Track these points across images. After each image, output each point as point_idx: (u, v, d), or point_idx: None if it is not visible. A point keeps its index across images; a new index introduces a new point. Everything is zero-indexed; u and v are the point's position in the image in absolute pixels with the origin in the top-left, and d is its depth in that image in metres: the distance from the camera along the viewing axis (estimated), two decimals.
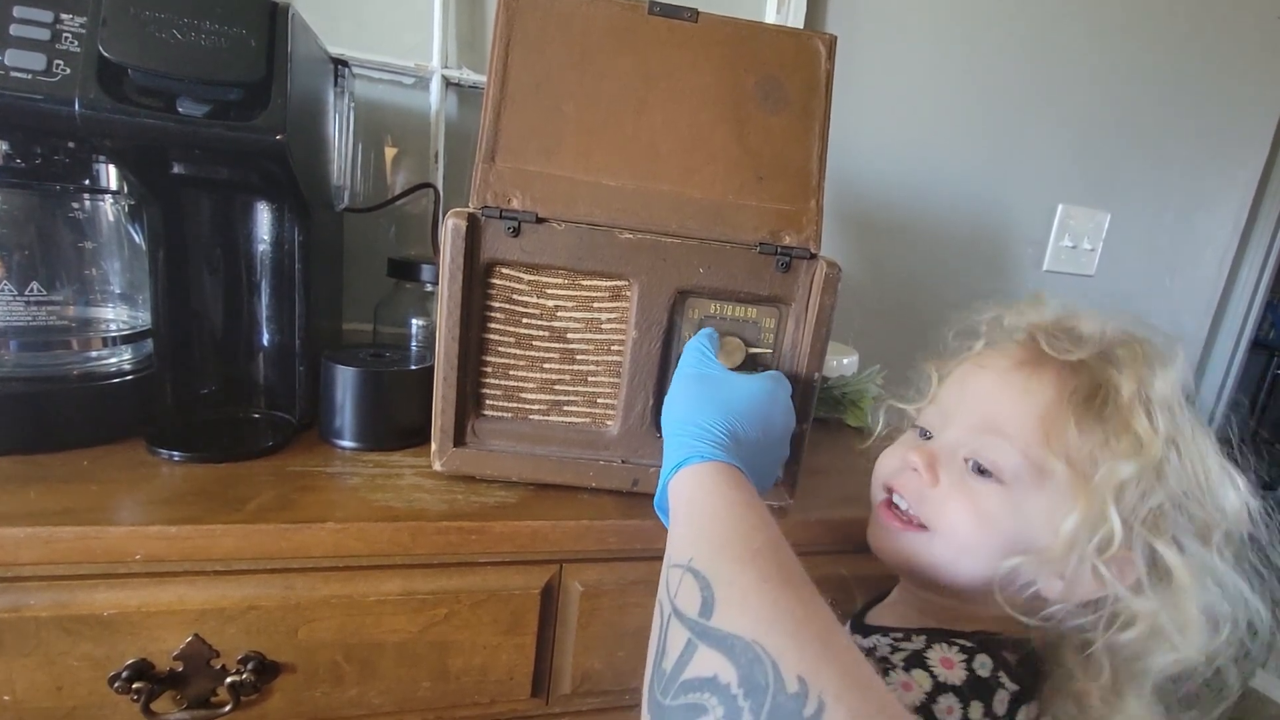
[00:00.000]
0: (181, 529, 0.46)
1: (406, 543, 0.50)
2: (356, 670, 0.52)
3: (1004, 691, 0.39)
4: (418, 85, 0.86)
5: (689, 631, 0.30)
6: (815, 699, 0.25)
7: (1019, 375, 0.45)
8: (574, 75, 0.55)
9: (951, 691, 0.38)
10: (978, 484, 0.44)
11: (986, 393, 0.46)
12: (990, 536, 0.43)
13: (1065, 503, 0.41)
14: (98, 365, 0.59)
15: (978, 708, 0.38)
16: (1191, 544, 0.41)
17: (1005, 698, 0.39)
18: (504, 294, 0.56)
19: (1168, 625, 0.40)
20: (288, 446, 0.61)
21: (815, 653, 0.26)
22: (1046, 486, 0.42)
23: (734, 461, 0.40)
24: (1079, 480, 0.41)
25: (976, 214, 1.16)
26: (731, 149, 0.55)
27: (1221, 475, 0.41)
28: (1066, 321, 0.47)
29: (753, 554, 0.32)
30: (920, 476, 0.46)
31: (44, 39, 0.48)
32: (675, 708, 0.28)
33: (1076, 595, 0.42)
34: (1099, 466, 0.41)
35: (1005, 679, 0.40)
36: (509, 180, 0.54)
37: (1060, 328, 0.46)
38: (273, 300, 0.65)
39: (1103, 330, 0.46)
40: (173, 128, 0.49)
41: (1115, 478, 0.40)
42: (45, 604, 0.45)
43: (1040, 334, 0.46)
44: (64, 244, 0.57)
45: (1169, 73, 1.19)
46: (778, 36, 0.57)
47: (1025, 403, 0.44)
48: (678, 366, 0.52)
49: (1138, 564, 0.41)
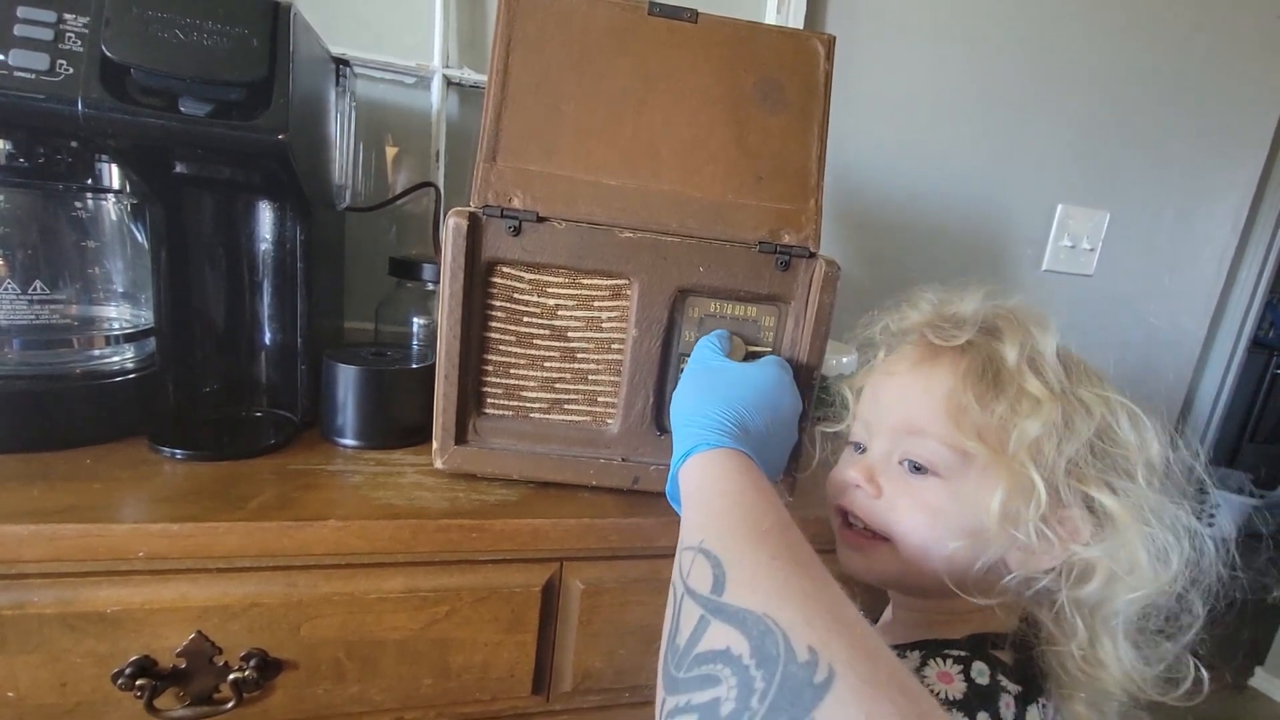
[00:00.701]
0: (184, 527, 0.46)
1: (408, 540, 0.51)
2: (358, 667, 0.52)
3: (1007, 695, 0.39)
4: (419, 85, 0.86)
5: (701, 608, 0.30)
6: (825, 667, 0.25)
7: (919, 373, 0.47)
8: (574, 75, 0.55)
9: (955, 707, 0.38)
10: (918, 482, 0.45)
11: (897, 397, 0.48)
12: (944, 528, 0.44)
13: (991, 478, 0.42)
14: (100, 364, 0.60)
15: (984, 718, 0.38)
16: (1121, 483, 0.42)
17: (1010, 701, 0.39)
18: (505, 293, 0.56)
19: (1121, 567, 0.41)
20: (289, 445, 0.61)
21: (824, 624, 0.27)
22: (974, 468, 0.43)
23: (742, 448, 0.41)
24: (995, 453, 0.42)
25: (976, 213, 1.16)
26: (731, 149, 0.56)
27: (1124, 413, 0.43)
28: (946, 310, 0.49)
29: (762, 534, 0.33)
30: (865, 490, 0.47)
31: (47, 39, 0.48)
32: (689, 679, 0.28)
33: (1040, 564, 0.43)
34: (1010, 434, 0.42)
35: (1005, 681, 0.40)
36: (510, 179, 0.54)
37: (942, 318, 0.48)
38: (274, 299, 0.66)
39: (979, 308, 0.48)
40: (175, 127, 0.50)
41: (1025, 440, 0.41)
42: (49, 601, 0.45)
43: (926, 329, 0.48)
44: (67, 243, 0.58)
45: (1168, 72, 1.19)
46: (777, 37, 0.58)
47: (929, 397, 0.45)
48: (686, 363, 0.54)
49: (1077, 517, 0.42)
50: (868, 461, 0.48)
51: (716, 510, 0.36)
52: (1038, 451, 0.41)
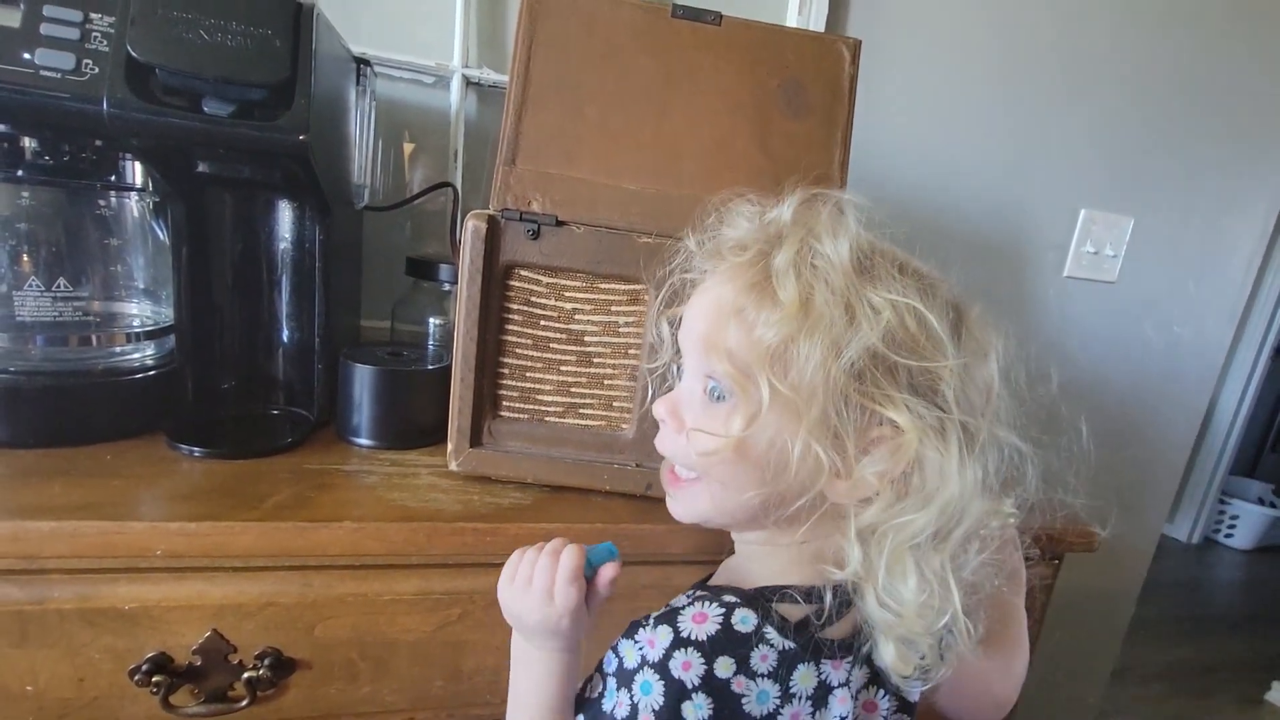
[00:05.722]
0: (201, 526, 0.46)
1: (422, 543, 0.51)
2: (371, 668, 0.53)
3: (767, 648, 0.38)
4: (438, 84, 0.86)
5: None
6: None
7: (713, 291, 0.43)
8: (596, 78, 0.55)
9: (693, 646, 0.37)
10: (718, 408, 0.42)
11: (692, 317, 0.44)
12: (747, 459, 0.40)
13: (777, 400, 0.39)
14: (121, 360, 0.60)
15: (726, 662, 0.37)
16: (907, 397, 0.38)
17: (769, 654, 0.38)
18: (522, 296, 0.56)
19: (907, 489, 0.38)
20: (305, 443, 0.62)
21: None
22: (758, 389, 0.39)
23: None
24: (744, 372, 0.39)
25: (998, 217, 1.15)
26: (753, 154, 0.55)
27: (913, 318, 0.38)
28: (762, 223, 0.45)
29: None
30: (667, 425, 0.45)
31: (73, 38, 0.48)
32: None
33: (860, 492, 0.39)
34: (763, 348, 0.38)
35: (772, 634, 0.38)
36: (529, 183, 0.54)
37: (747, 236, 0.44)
38: (293, 297, 0.66)
39: (778, 217, 0.44)
40: (198, 127, 0.50)
41: (764, 351, 0.38)
42: (69, 597, 0.46)
43: (728, 249, 0.44)
44: (90, 240, 0.58)
45: (1197, 77, 1.16)
46: (801, 40, 0.57)
47: (714, 314, 0.42)
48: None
49: (879, 437, 0.39)
50: (675, 393, 0.45)
51: None
52: (785, 364, 0.38)
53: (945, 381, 0.39)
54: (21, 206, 0.57)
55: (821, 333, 0.38)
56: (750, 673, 0.38)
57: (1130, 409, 1.32)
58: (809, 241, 0.41)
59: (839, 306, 0.38)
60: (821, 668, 0.40)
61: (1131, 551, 1.40)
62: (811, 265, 0.40)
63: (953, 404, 0.39)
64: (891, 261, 0.41)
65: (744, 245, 0.43)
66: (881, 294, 0.39)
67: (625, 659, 0.40)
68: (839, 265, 0.39)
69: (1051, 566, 0.71)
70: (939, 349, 0.39)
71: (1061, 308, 1.22)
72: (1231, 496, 3.08)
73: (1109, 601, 1.42)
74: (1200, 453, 2.90)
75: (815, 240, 0.41)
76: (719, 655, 0.37)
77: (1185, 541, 3.05)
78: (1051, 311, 1.22)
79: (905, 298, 0.39)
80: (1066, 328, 1.23)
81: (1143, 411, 1.32)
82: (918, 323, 0.39)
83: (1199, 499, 3.02)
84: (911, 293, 0.39)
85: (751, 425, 0.39)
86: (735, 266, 0.42)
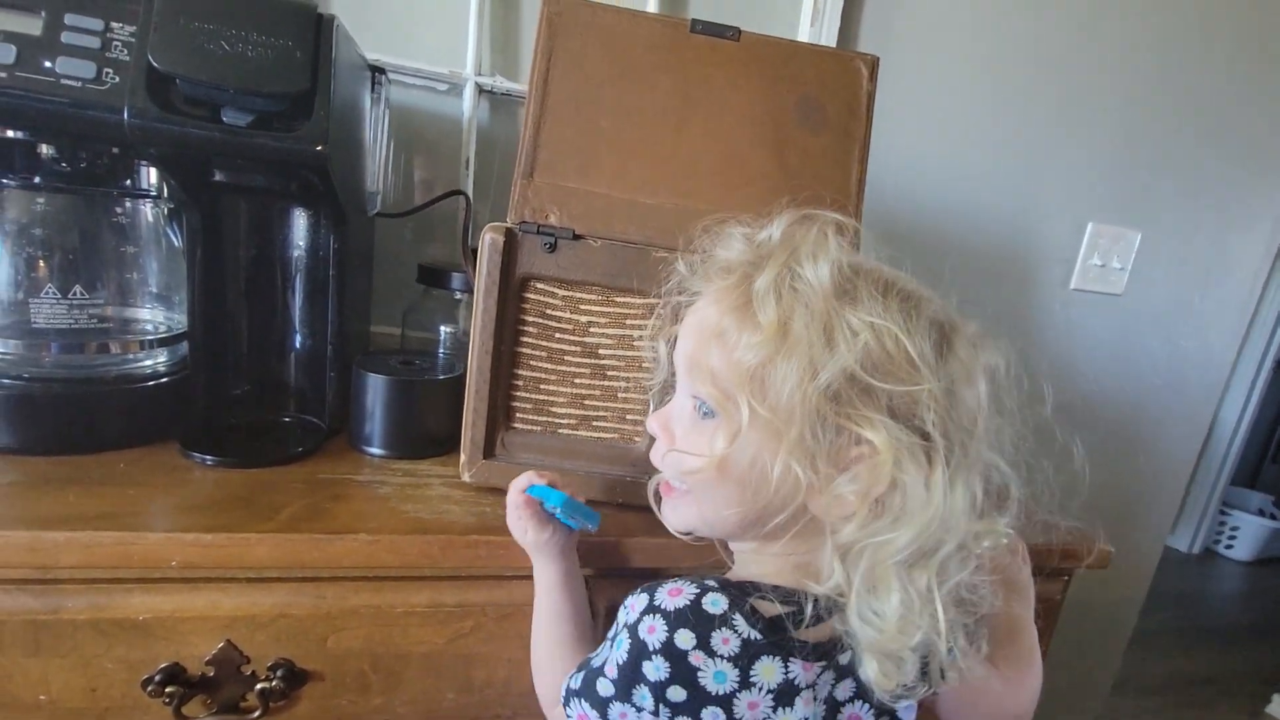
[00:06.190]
0: (217, 537, 0.46)
1: (436, 556, 0.51)
2: (383, 680, 0.52)
3: (731, 633, 0.39)
4: (451, 91, 0.86)
5: None
6: None
7: (702, 312, 0.44)
8: (614, 91, 0.55)
9: (659, 613, 0.40)
10: (705, 425, 0.43)
11: (683, 336, 0.45)
12: (728, 474, 0.41)
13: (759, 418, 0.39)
14: (134, 367, 0.60)
15: (687, 635, 0.39)
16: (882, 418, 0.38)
17: (734, 640, 0.39)
18: (537, 308, 0.56)
19: (883, 508, 0.38)
20: (317, 452, 0.62)
21: None
22: (739, 409, 0.40)
23: None
24: (725, 392, 0.40)
25: (1006, 230, 1.15)
26: (771, 170, 0.55)
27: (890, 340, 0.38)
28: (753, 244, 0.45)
29: None
30: (659, 440, 0.46)
31: (94, 47, 0.48)
32: None
33: (841, 509, 0.40)
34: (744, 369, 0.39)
35: (740, 622, 0.39)
36: (547, 196, 0.54)
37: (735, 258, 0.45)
38: (306, 305, 0.66)
39: (767, 239, 0.44)
40: (218, 137, 0.50)
41: (743, 373, 0.39)
42: (82, 607, 0.46)
43: (715, 271, 0.45)
44: (105, 247, 0.58)
45: (1205, 94, 1.17)
46: (819, 57, 0.57)
47: (699, 334, 0.43)
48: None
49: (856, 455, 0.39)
50: (666, 409, 0.47)
51: None
52: (764, 386, 0.39)
53: (923, 404, 0.39)
54: (37, 212, 0.57)
55: (799, 355, 0.38)
56: (709, 651, 0.39)
57: (1134, 421, 1.32)
58: (791, 264, 0.41)
59: (818, 329, 0.38)
60: (790, 666, 0.40)
61: (1134, 563, 1.40)
62: (792, 288, 0.40)
63: (932, 426, 0.39)
64: (875, 283, 0.41)
65: (730, 268, 0.44)
66: (861, 316, 0.39)
67: (617, 622, 0.43)
68: (819, 288, 0.40)
69: (1060, 582, 0.71)
70: (918, 372, 0.39)
71: (1068, 319, 1.22)
72: (1232, 507, 3.08)
73: (1111, 613, 1.42)
74: (1201, 464, 2.90)
75: (797, 263, 0.41)
76: (680, 627, 0.39)
77: (1185, 552, 3.06)
78: (1058, 323, 1.23)
79: (885, 320, 0.39)
80: (1072, 339, 1.24)
81: (1147, 424, 1.32)
82: (896, 345, 0.39)
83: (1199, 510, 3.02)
84: (894, 314, 0.39)
85: (732, 444, 0.40)
86: (721, 289, 0.43)
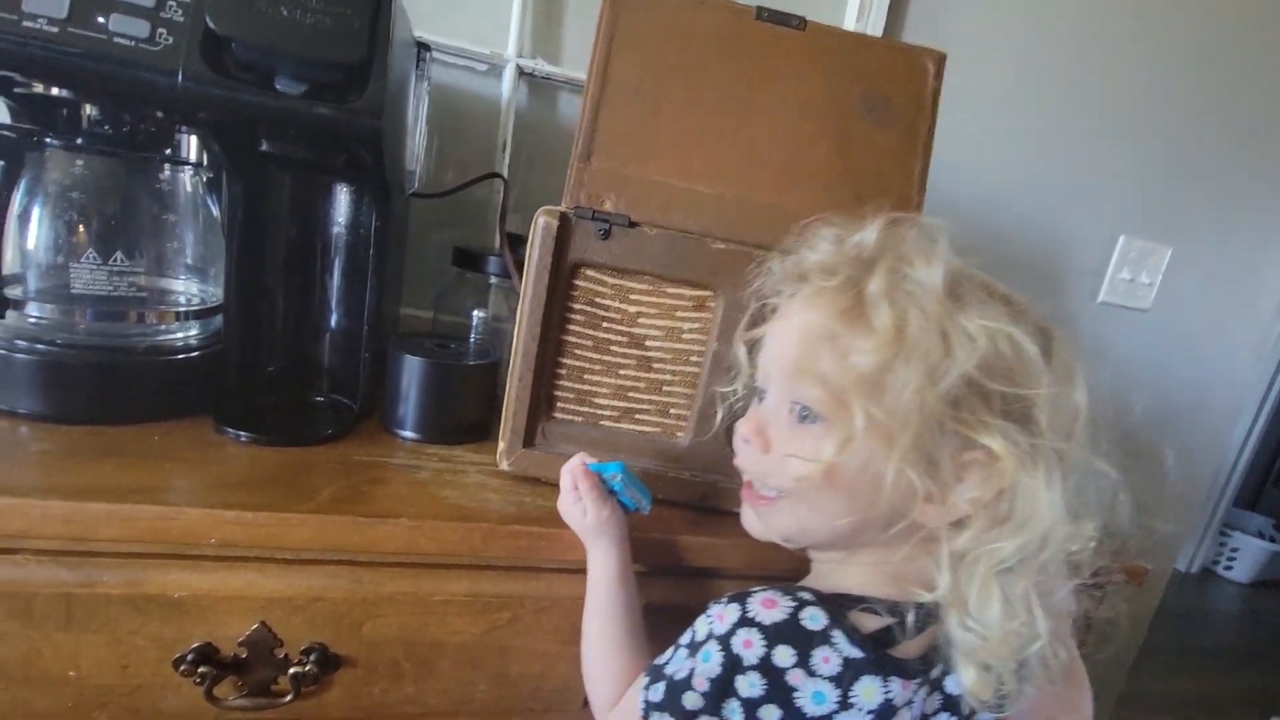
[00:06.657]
0: (258, 516, 0.45)
1: (477, 544, 0.49)
2: (416, 668, 0.51)
3: (832, 650, 0.38)
4: (490, 73, 0.85)
5: None
6: None
7: (802, 314, 0.43)
8: (676, 78, 0.53)
9: (756, 627, 0.38)
10: (807, 431, 0.41)
11: (781, 341, 0.44)
12: (836, 480, 0.40)
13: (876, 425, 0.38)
14: (166, 339, 0.59)
15: (786, 652, 0.37)
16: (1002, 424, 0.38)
17: (835, 658, 0.38)
18: (586, 296, 0.54)
19: (999, 515, 0.38)
20: (350, 434, 0.60)
21: None
22: (851, 415, 0.39)
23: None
24: (838, 397, 0.39)
25: (1036, 239, 1.14)
26: (833, 163, 0.54)
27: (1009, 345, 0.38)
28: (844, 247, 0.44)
29: None
30: (753, 445, 0.44)
31: (149, 6, 0.47)
32: None
33: (951, 516, 0.39)
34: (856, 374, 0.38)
35: (841, 639, 0.38)
36: (603, 181, 0.52)
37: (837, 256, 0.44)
38: (343, 283, 0.65)
39: (865, 239, 0.43)
40: (273, 105, 0.48)
41: (860, 378, 0.38)
42: (118, 581, 0.45)
43: (813, 272, 0.44)
44: (145, 214, 0.57)
45: (1241, 110, 1.16)
46: (886, 50, 0.56)
47: (804, 337, 0.42)
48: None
49: (972, 462, 0.38)
50: (759, 413, 0.45)
51: None
52: (880, 391, 0.38)
53: (1038, 407, 0.39)
54: (76, 175, 0.55)
55: (918, 359, 0.37)
56: (809, 670, 0.38)
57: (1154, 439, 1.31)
58: (900, 267, 0.40)
59: (934, 333, 0.38)
60: (889, 684, 0.39)
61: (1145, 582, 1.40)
62: (905, 291, 0.39)
63: (1045, 429, 0.38)
64: (980, 287, 0.42)
65: (831, 269, 0.42)
66: (975, 320, 0.38)
67: (697, 632, 0.41)
68: (932, 291, 0.39)
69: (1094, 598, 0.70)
70: (1033, 375, 0.39)
71: (1095, 333, 1.21)
72: (1232, 529, 3.08)
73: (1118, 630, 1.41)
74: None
75: (907, 265, 0.40)
76: (779, 643, 0.38)
77: (1184, 571, 3.05)
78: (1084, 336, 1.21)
79: (999, 323, 0.38)
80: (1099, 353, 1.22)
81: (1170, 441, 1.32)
82: (1013, 349, 0.38)
83: (1200, 530, 3.02)
84: (1003, 318, 0.39)
85: (843, 451, 0.39)
86: (822, 291, 0.42)
